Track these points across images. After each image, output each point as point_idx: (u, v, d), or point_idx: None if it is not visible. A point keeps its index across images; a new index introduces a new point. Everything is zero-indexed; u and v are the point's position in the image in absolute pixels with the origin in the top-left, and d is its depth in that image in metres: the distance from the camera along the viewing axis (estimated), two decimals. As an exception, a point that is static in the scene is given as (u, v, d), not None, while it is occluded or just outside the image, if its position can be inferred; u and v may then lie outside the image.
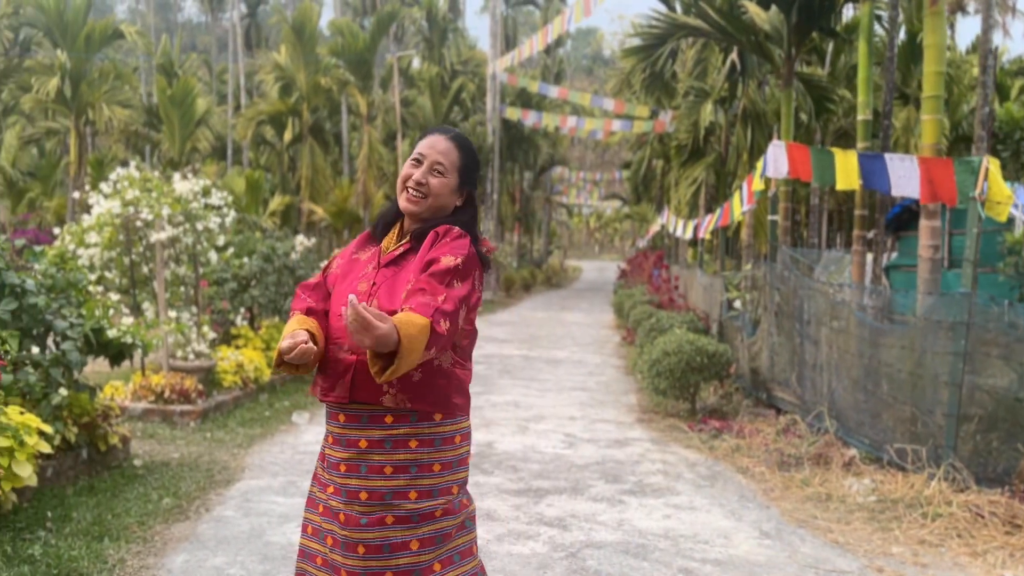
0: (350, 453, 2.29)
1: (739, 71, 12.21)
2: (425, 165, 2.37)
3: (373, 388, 2.22)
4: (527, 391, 9.46)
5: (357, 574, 2.25)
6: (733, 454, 6.61)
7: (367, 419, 2.29)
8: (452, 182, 2.39)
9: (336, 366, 2.29)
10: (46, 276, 5.45)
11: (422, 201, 2.36)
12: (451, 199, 2.41)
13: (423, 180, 2.36)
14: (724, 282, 10.36)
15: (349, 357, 2.27)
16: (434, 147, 2.39)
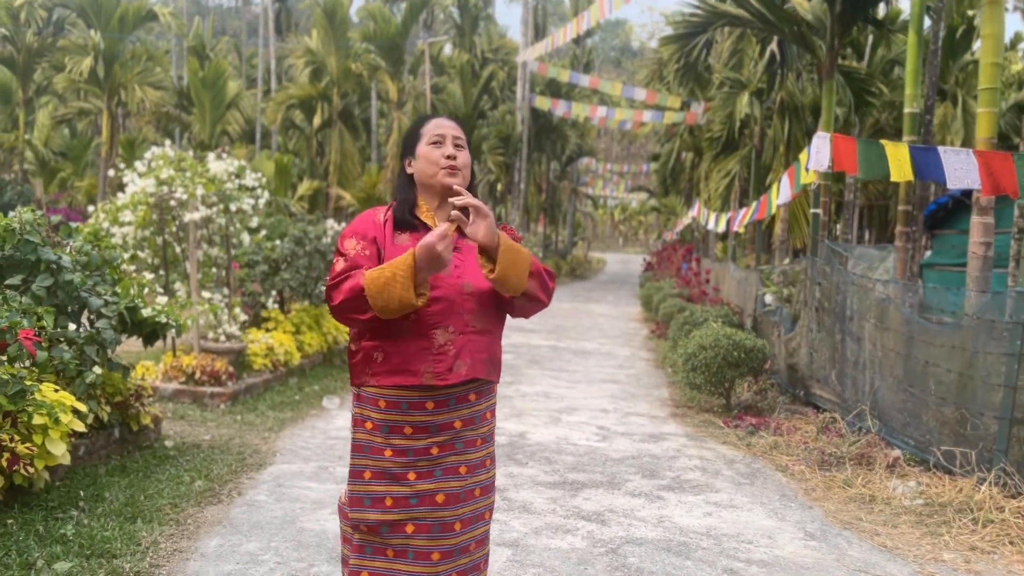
0: (445, 436, 2.41)
1: (779, 62, 11.97)
2: (449, 142, 2.48)
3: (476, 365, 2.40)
4: (557, 382, 9.34)
5: (451, 553, 2.40)
6: (771, 451, 6.46)
7: (455, 400, 2.41)
8: (467, 152, 2.55)
9: (443, 349, 2.36)
10: (81, 253, 5.39)
11: (459, 173, 2.47)
12: (470, 171, 2.55)
13: (455, 154, 2.47)
14: (759, 276, 10.16)
15: (458, 338, 2.38)
16: (444, 127, 2.52)
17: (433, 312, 2.36)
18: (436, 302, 2.36)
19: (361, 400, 2.51)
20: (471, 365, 2.40)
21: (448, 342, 2.37)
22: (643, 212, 67.58)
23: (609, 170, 41.28)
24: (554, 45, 18.85)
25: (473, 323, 2.39)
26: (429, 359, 2.36)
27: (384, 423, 2.42)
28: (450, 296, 2.39)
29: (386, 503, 2.42)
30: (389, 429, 2.42)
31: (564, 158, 35.47)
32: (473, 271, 2.43)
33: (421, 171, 2.50)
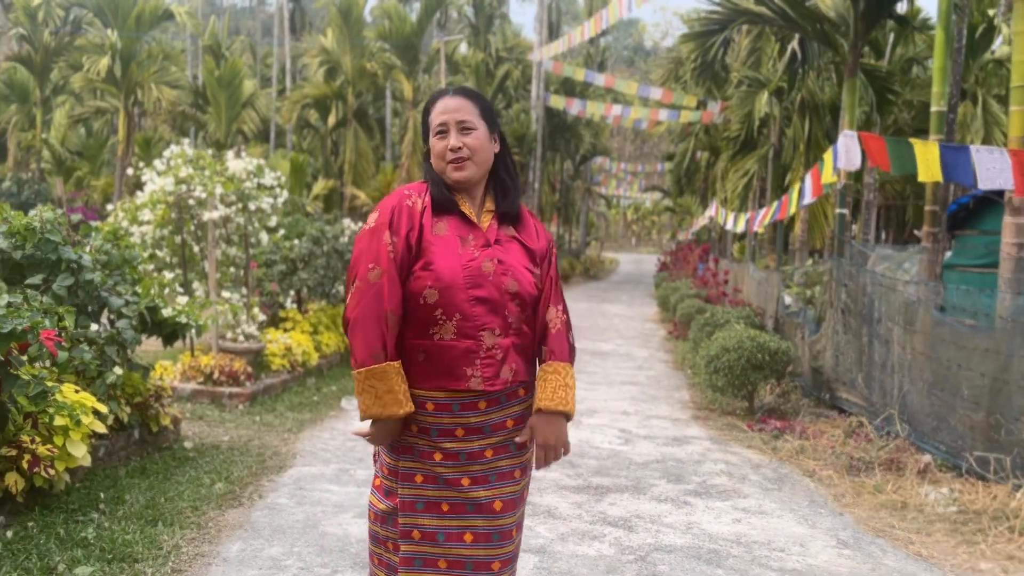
0: (499, 437, 2.33)
1: (800, 60, 11.83)
2: (453, 130, 2.32)
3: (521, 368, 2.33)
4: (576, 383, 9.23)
5: (509, 561, 2.34)
6: (798, 456, 6.34)
7: (506, 398, 2.33)
8: (482, 132, 2.35)
9: (491, 353, 2.28)
10: (101, 252, 5.34)
11: (469, 164, 2.33)
12: (490, 148, 2.39)
13: (457, 144, 2.31)
14: (781, 277, 10.03)
15: (503, 341, 2.29)
16: (448, 110, 2.34)
17: (479, 313, 2.26)
18: (481, 303, 2.26)
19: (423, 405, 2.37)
20: (516, 369, 2.32)
21: (495, 345, 2.27)
22: (656, 212, 67.34)
23: (623, 169, 41.12)
24: (570, 44, 18.75)
25: (516, 324, 2.31)
26: (477, 363, 2.26)
27: (433, 426, 2.29)
28: (494, 297, 2.28)
29: (442, 508, 2.29)
30: (439, 432, 2.28)
31: (578, 157, 35.35)
32: (515, 268, 2.32)
33: (435, 165, 2.39)
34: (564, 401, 2.29)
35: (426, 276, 2.24)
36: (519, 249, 2.37)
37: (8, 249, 4.87)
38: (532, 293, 2.33)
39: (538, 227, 2.47)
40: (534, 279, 2.33)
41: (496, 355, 2.27)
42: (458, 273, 2.24)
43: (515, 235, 2.38)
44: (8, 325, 3.71)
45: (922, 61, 18.77)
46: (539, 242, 2.43)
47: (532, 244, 2.39)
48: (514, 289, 2.28)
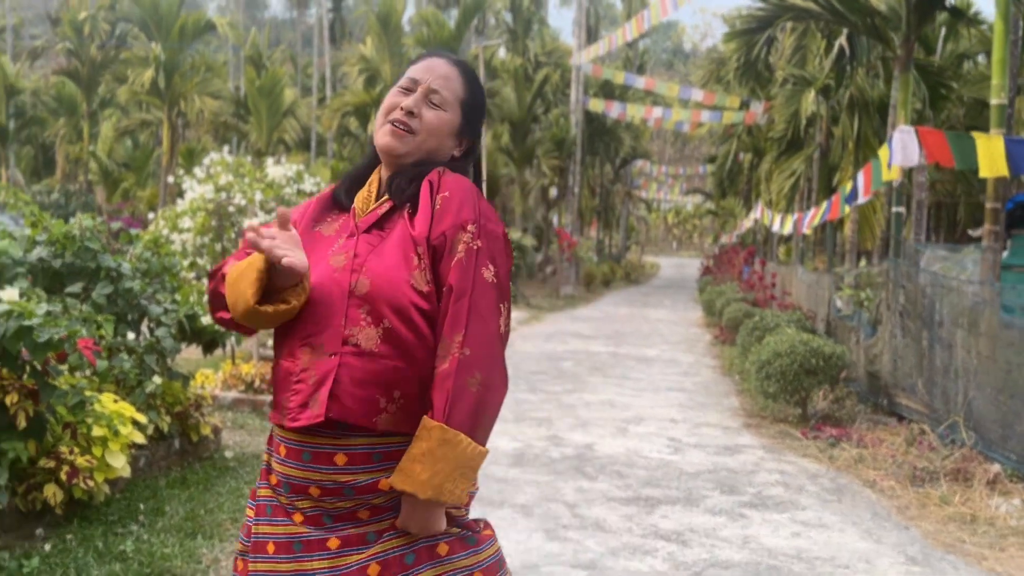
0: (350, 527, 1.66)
1: (848, 57, 11.49)
2: (418, 92, 1.75)
3: (346, 401, 1.61)
4: (621, 390, 9.03)
5: None
6: (856, 465, 6.06)
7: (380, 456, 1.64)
8: (453, 121, 1.78)
9: (304, 376, 1.64)
10: (141, 260, 5.29)
11: (408, 137, 1.73)
12: (447, 144, 1.79)
13: (415, 109, 1.73)
14: (832, 280, 9.72)
15: (326, 361, 1.62)
16: (432, 70, 1.78)
17: (305, 320, 1.65)
18: (314, 306, 1.65)
19: (270, 441, 1.79)
20: (332, 403, 1.61)
21: (310, 366, 1.63)
22: (698, 215, 66.62)
23: (664, 172, 40.70)
24: (611, 47, 18.52)
25: (356, 339, 1.61)
26: (292, 388, 1.65)
27: (284, 479, 1.69)
28: (327, 299, 1.64)
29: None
30: (289, 487, 1.68)
31: (618, 161, 35.07)
32: (373, 264, 1.66)
33: (376, 122, 1.81)
34: (411, 479, 1.55)
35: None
36: (398, 238, 1.68)
37: (48, 258, 4.84)
38: (398, 300, 1.63)
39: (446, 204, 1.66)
40: (409, 280, 1.63)
41: (308, 379, 1.63)
42: (310, 271, 1.66)
43: (404, 222, 1.70)
44: (45, 334, 3.64)
45: (973, 56, 18.22)
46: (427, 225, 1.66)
47: (415, 229, 1.66)
48: (363, 291, 1.63)
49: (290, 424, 1.64)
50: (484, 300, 1.62)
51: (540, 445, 6.36)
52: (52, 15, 34.43)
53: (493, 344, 1.62)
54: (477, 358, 1.58)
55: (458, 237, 1.64)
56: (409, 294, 1.63)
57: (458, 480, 1.59)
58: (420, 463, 1.56)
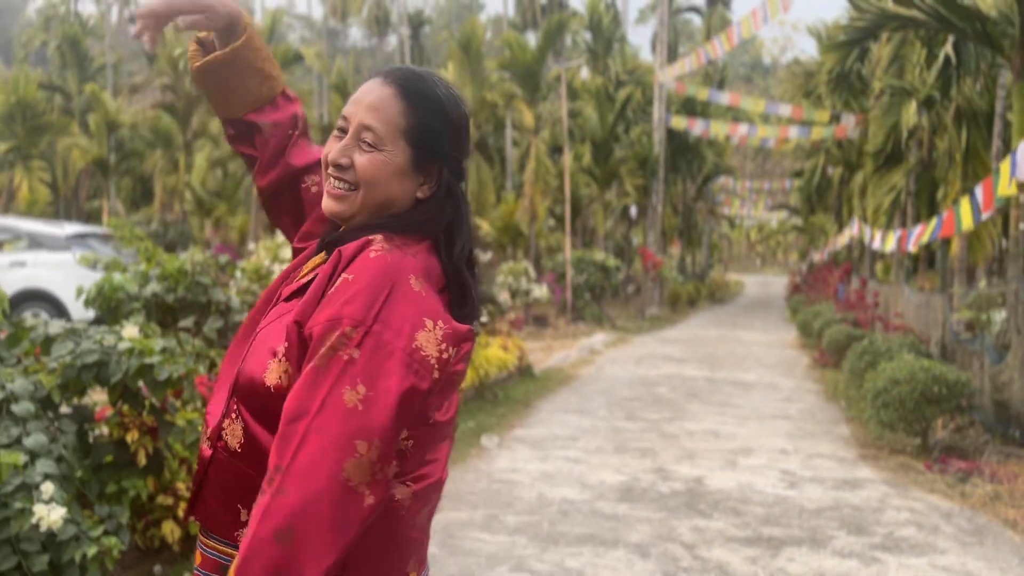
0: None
1: (954, 66, 10.96)
2: (349, 133, 1.38)
3: (226, 510, 1.36)
4: (723, 418, 8.71)
5: None
6: (992, 503, 5.64)
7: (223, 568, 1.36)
8: (394, 159, 1.37)
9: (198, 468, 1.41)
10: (248, 293, 5.32)
11: (349, 196, 1.38)
12: (401, 187, 1.39)
13: (343, 160, 1.37)
14: (945, 300, 9.20)
15: (205, 451, 1.39)
16: (360, 101, 1.39)
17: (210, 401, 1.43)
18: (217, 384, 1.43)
19: None
20: (201, 503, 1.39)
21: (200, 457, 1.42)
22: (782, 231, 65.02)
23: (748, 188, 39.85)
24: (702, 61, 18.20)
25: (227, 434, 1.35)
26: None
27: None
28: (223, 378, 1.41)
29: None
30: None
31: (700, 178, 34.50)
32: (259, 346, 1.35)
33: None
34: None
35: None
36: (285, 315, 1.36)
37: (161, 292, 4.90)
38: (252, 394, 1.33)
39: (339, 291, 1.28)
40: (264, 371, 1.31)
41: (199, 475, 1.40)
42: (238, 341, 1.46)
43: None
44: (165, 372, 3.63)
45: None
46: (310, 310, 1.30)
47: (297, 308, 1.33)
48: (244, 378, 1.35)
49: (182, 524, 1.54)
50: (330, 430, 1.20)
51: (647, 479, 6.13)
52: (148, 52, 36.04)
53: (325, 492, 1.18)
54: (294, 505, 1.18)
55: (327, 337, 1.24)
56: (261, 389, 1.31)
57: None
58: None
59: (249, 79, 1.58)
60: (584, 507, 5.38)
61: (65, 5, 34.22)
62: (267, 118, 1.62)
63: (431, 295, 1.32)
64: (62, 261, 11.78)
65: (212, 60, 1.55)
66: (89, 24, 34.89)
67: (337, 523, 1.19)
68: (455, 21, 64.52)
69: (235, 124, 1.64)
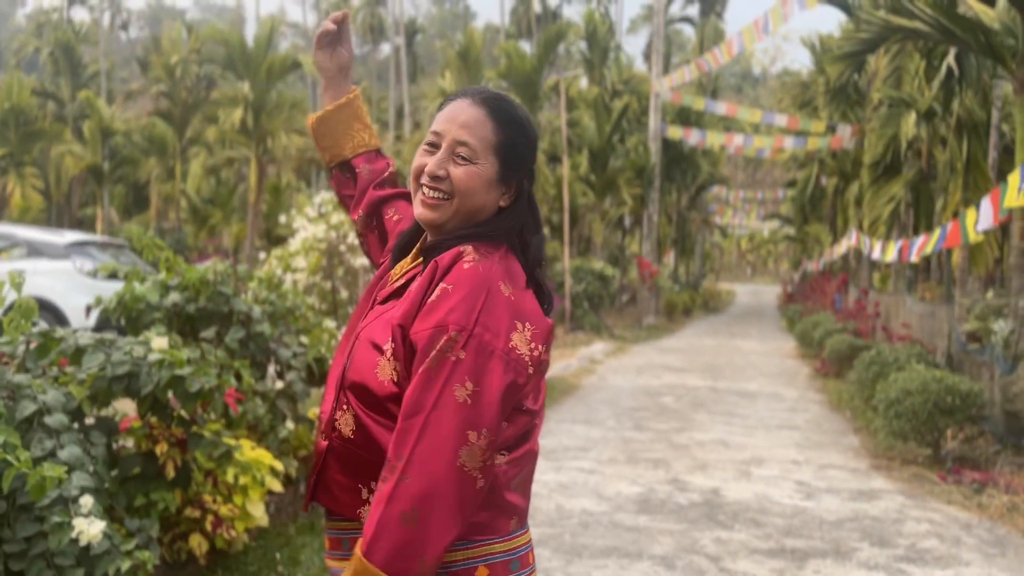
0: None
1: (956, 77, 11.04)
2: (443, 148, 1.54)
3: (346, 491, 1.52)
4: (730, 428, 8.70)
5: None
6: (1010, 514, 5.65)
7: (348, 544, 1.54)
8: (488, 172, 1.54)
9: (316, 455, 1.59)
10: (266, 303, 5.28)
11: (444, 205, 1.53)
12: (489, 196, 1.55)
13: (440, 171, 1.52)
14: (953, 311, 9.23)
15: (320, 443, 1.56)
16: (454, 119, 1.54)
17: (324, 398, 1.61)
18: (329, 382, 1.61)
19: None
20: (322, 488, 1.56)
21: (316, 446, 1.59)
22: (773, 241, 65.25)
23: (741, 198, 39.99)
24: (703, 70, 18.26)
25: (339, 424, 1.52)
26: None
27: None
28: (333, 376, 1.59)
29: None
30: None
31: (695, 188, 34.61)
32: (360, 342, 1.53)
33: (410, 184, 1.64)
34: None
35: None
36: (392, 313, 1.51)
37: (182, 302, 4.85)
38: (364, 388, 1.49)
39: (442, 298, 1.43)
40: (376, 368, 1.47)
41: (317, 466, 1.57)
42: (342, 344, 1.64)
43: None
44: (196, 384, 3.60)
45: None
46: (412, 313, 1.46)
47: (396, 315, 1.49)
48: (348, 373, 1.52)
49: (305, 504, 1.66)
50: (445, 423, 1.36)
51: (663, 489, 6.12)
52: (140, 58, 35.92)
53: (444, 477, 1.36)
54: (418, 490, 1.35)
55: (435, 342, 1.40)
56: (373, 383, 1.48)
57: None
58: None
59: (356, 127, 1.90)
60: (604, 519, 5.35)
61: (58, 12, 34.09)
62: (367, 164, 1.91)
63: (518, 297, 1.49)
64: (62, 269, 11.69)
65: (332, 108, 1.89)
66: (82, 32, 34.74)
67: (455, 504, 1.37)
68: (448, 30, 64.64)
69: (341, 168, 1.92)
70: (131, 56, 53.98)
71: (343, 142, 1.90)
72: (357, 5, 48.23)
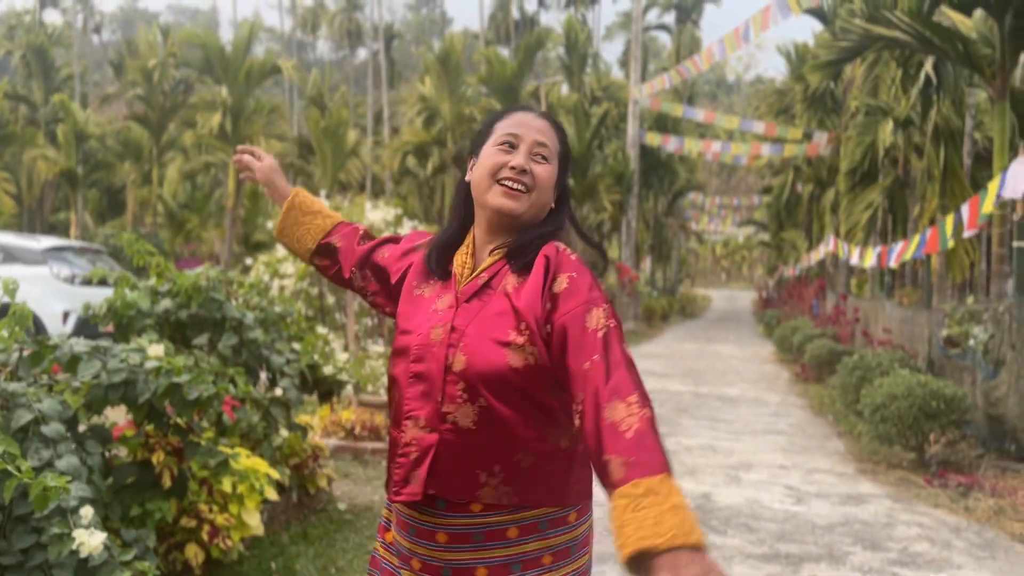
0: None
1: (934, 86, 11.21)
2: (524, 148, 1.72)
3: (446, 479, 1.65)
4: (716, 433, 8.75)
5: None
6: (997, 517, 5.72)
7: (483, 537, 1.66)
8: (554, 172, 1.77)
9: (406, 451, 1.67)
10: (259, 309, 5.22)
11: (524, 196, 1.71)
12: (552, 195, 1.78)
13: (527, 167, 1.71)
14: (933, 316, 9.35)
15: (426, 437, 1.66)
16: (530, 125, 1.76)
17: (412, 395, 1.68)
18: (418, 382, 1.68)
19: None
20: (431, 480, 1.65)
21: (412, 441, 1.67)
22: (748, 247, 65.82)
23: (717, 204, 40.32)
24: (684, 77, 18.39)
25: (456, 417, 1.64)
26: (396, 462, 1.70)
27: (394, 546, 1.80)
28: (430, 375, 1.67)
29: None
30: (399, 556, 1.77)
31: (672, 194, 34.85)
32: (473, 339, 1.65)
33: (476, 181, 1.76)
34: (683, 530, 1.34)
35: (393, 348, 1.79)
36: (498, 310, 1.67)
37: (173, 309, 4.79)
38: (495, 374, 1.62)
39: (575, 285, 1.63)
40: (507, 357, 1.62)
41: (410, 453, 1.67)
42: (412, 341, 1.72)
43: (512, 291, 1.68)
44: (194, 392, 3.55)
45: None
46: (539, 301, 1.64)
47: (520, 302, 1.65)
48: (460, 367, 1.64)
49: (392, 498, 1.70)
50: (632, 371, 1.56)
51: (655, 495, 6.12)
52: (114, 62, 35.52)
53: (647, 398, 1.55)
54: (654, 418, 1.53)
55: (593, 316, 1.59)
56: (506, 372, 1.62)
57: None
58: (677, 515, 1.36)
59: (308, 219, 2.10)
60: (597, 525, 5.34)
61: (30, 15, 33.63)
62: (337, 236, 2.08)
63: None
64: (38, 275, 11.50)
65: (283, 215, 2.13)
66: (55, 35, 34.26)
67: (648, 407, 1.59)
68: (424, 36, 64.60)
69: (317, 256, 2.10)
70: (104, 59, 53.41)
71: (305, 238, 2.10)
72: (334, 10, 48.07)
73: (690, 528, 1.34)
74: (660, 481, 1.39)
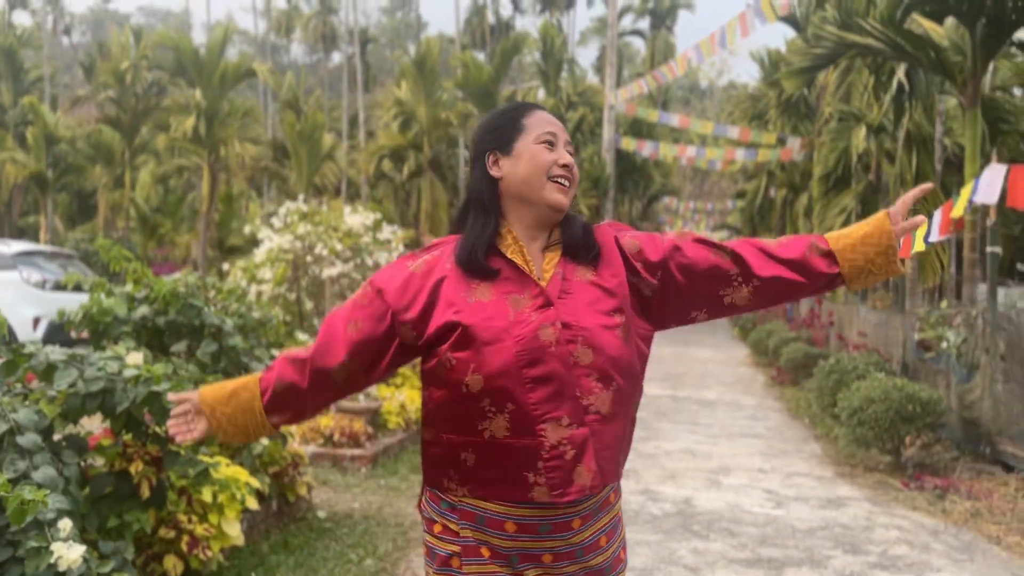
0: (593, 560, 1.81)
1: (907, 93, 11.35)
2: (562, 145, 1.83)
3: (608, 467, 1.76)
4: (695, 436, 8.78)
5: None
6: (973, 519, 5.78)
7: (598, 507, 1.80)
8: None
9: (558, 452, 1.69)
10: (238, 316, 5.16)
11: (570, 189, 1.84)
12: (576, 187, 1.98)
13: (571, 161, 1.84)
14: (907, 319, 9.45)
15: (576, 432, 1.69)
16: (555, 123, 1.87)
17: (538, 400, 1.67)
18: (541, 385, 1.67)
19: (462, 515, 1.78)
20: (598, 470, 1.72)
21: (563, 441, 1.68)
22: (722, 251, 66.18)
23: (691, 208, 40.54)
24: (660, 83, 18.47)
25: (597, 406, 1.70)
26: (540, 466, 1.68)
27: (513, 551, 1.75)
28: (559, 375, 1.68)
29: None
30: (520, 558, 1.76)
31: (646, 198, 35.01)
32: (588, 331, 1.72)
33: (522, 178, 1.78)
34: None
35: (467, 358, 1.69)
36: (593, 298, 1.75)
37: (150, 315, 4.72)
38: (620, 357, 1.73)
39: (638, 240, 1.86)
40: (621, 336, 1.73)
41: (565, 454, 1.68)
42: (508, 350, 1.67)
43: (592, 279, 1.77)
44: (174, 400, 3.48)
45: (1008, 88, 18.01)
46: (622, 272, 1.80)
47: (608, 283, 1.77)
48: (587, 360, 1.69)
49: (559, 500, 1.69)
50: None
51: (636, 500, 6.13)
52: (85, 64, 35.04)
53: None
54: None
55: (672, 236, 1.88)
56: (624, 351, 1.74)
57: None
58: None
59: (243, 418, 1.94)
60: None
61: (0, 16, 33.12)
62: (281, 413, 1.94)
63: None
64: (8, 280, 11.31)
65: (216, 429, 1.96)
66: (24, 36, 33.75)
67: None
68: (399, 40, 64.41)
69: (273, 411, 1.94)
70: (74, 61, 52.70)
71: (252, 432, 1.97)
72: (308, 13, 47.80)
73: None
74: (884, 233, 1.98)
